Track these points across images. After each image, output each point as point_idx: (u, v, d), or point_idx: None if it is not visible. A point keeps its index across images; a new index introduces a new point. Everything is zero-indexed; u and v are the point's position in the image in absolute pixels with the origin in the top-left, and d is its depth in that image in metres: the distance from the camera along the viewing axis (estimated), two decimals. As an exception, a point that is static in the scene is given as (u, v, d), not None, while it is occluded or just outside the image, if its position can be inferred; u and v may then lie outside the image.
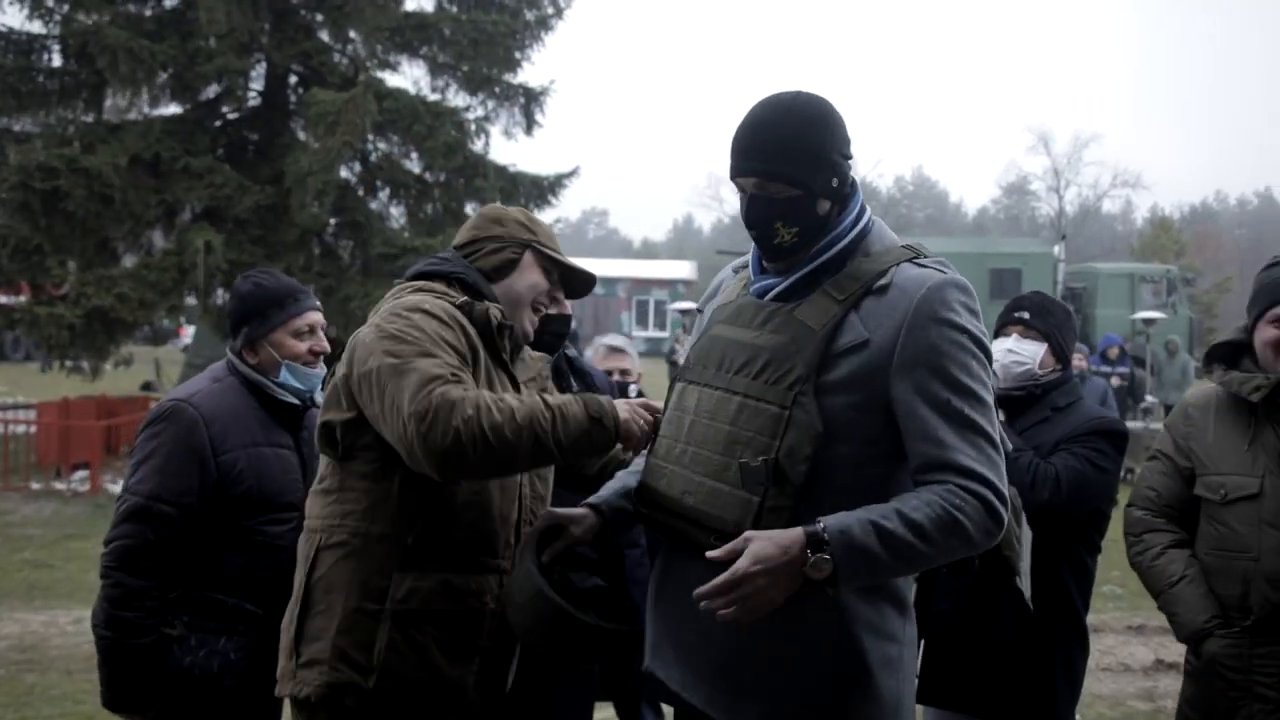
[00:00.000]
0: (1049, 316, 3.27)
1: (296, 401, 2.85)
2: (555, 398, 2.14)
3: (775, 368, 1.94)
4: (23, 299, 15.07)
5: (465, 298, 2.33)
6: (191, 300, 15.72)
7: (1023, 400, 3.25)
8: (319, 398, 2.79)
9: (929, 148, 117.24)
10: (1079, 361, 11.15)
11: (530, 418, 2.05)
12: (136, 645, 2.63)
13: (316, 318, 2.91)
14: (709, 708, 2.04)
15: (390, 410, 2.06)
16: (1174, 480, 3.02)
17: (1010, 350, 3.24)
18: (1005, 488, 1.92)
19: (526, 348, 2.53)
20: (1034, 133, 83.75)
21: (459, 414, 1.99)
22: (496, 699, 2.39)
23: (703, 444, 2.01)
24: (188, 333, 27.25)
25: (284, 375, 2.83)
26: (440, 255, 2.47)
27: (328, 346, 2.90)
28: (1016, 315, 3.29)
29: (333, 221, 15.45)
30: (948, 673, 3.16)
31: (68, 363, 14.83)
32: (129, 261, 15.42)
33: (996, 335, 3.33)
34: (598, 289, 3.12)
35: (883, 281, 1.95)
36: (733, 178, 2.06)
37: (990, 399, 1.96)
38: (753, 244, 2.13)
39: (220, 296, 16.22)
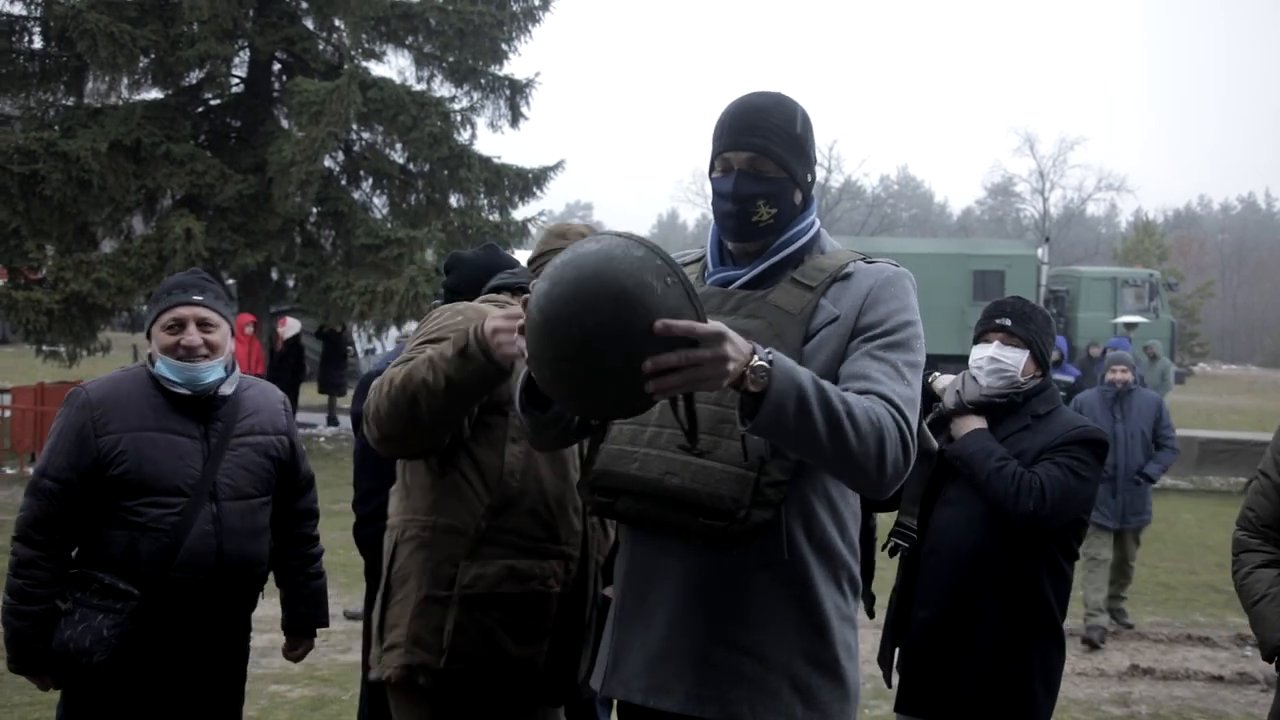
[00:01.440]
0: (1030, 323, 3.24)
1: (186, 391, 2.88)
2: (437, 346, 2.37)
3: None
4: (1, 282, 14.91)
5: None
6: (171, 287, 15.58)
7: (1004, 407, 3.23)
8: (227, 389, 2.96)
9: (914, 148, 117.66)
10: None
11: (409, 372, 2.32)
12: (26, 612, 2.79)
13: (187, 312, 2.90)
14: (690, 706, 2.02)
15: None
16: (1272, 498, 2.99)
17: (994, 358, 3.22)
18: (915, 439, 1.97)
19: None
20: (1019, 134, 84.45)
21: (373, 393, 2.38)
22: (571, 680, 2.55)
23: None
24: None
25: (158, 366, 2.90)
26: (513, 271, 2.79)
27: (198, 341, 2.88)
28: (998, 322, 3.26)
29: (315, 211, 15.37)
30: (926, 681, 3.14)
31: (45, 348, 14.70)
32: (108, 247, 15.30)
33: (977, 341, 3.30)
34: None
35: (846, 271, 2.10)
36: (723, 153, 2.11)
37: (920, 369, 2.06)
38: (712, 234, 2.21)
39: (200, 284, 16.11)
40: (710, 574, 2.03)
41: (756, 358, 1.74)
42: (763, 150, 2.08)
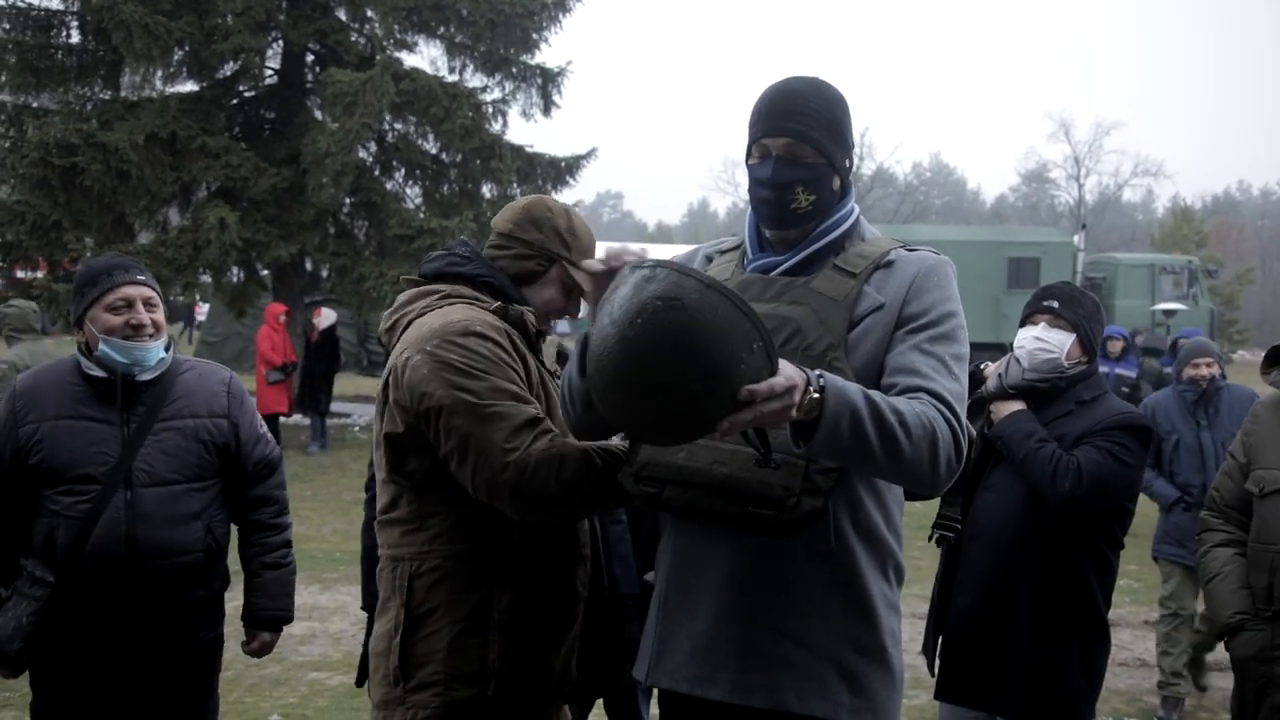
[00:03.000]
0: (1078, 307, 3.20)
1: (103, 374, 2.86)
2: (613, 445, 2.17)
3: (803, 336, 2.00)
4: (41, 275, 15.10)
5: (497, 303, 2.27)
6: (206, 278, 15.75)
7: (1047, 392, 3.18)
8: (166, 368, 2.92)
9: (947, 134, 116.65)
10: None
11: (601, 476, 2.11)
12: None
13: (134, 291, 2.88)
14: (736, 695, 2.02)
15: (475, 454, 2.06)
16: (1235, 479, 3.07)
17: (1038, 338, 3.18)
18: (966, 436, 1.97)
19: None
20: (1054, 120, 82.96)
21: (562, 472, 2.06)
22: (593, 677, 2.44)
23: None
24: (203, 310, 27.38)
25: (102, 349, 2.85)
26: (461, 253, 2.36)
27: (146, 320, 2.87)
28: (1045, 304, 3.22)
29: (348, 202, 15.45)
30: (967, 668, 3.12)
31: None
32: (145, 238, 15.44)
33: (1023, 323, 3.26)
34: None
35: (889, 259, 2.08)
36: (761, 138, 2.09)
37: (965, 360, 2.05)
38: (749, 222, 2.19)
39: (236, 274, 16.27)
40: (757, 563, 2.02)
41: (811, 389, 1.74)
42: (801, 136, 2.06)
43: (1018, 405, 3.16)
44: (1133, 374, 10.84)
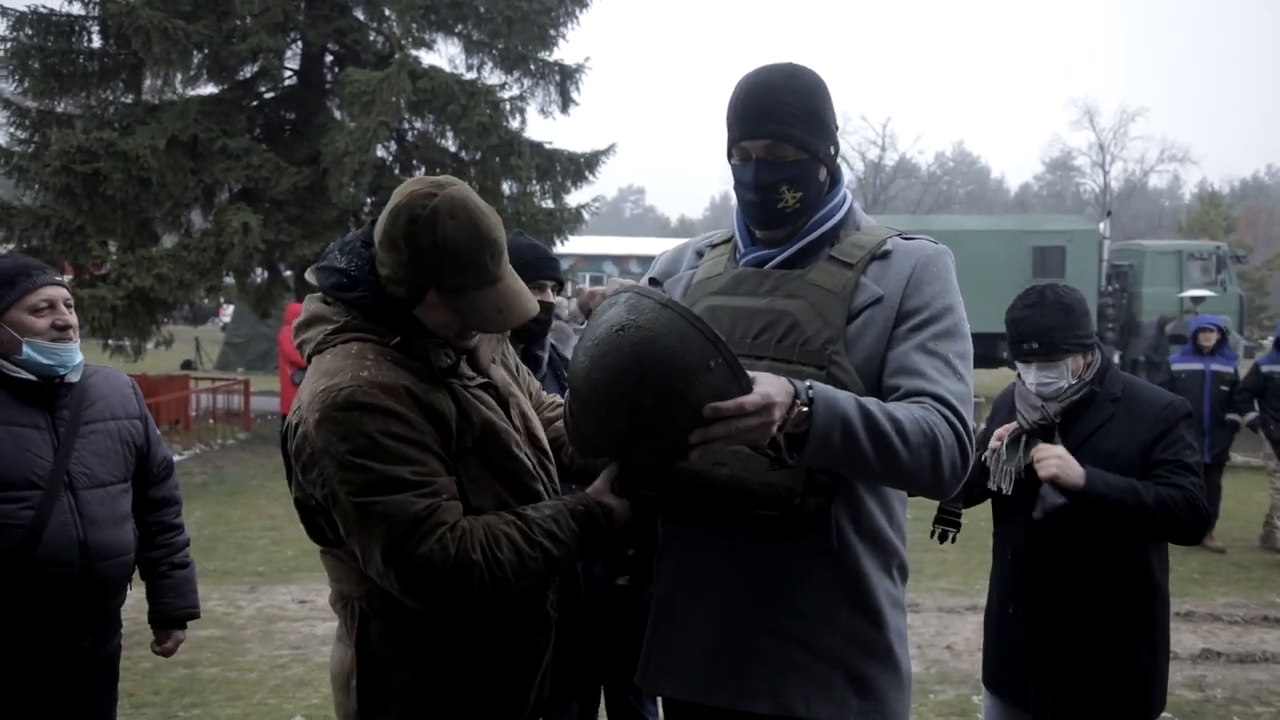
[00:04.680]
0: (1054, 333, 3.00)
1: (32, 378, 2.77)
2: (538, 522, 1.94)
3: (801, 330, 1.95)
4: (66, 279, 15.23)
5: (398, 337, 1.97)
6: (230, 280, 15.83)
7: (1078, 404, 3.04)
8: (77, 374, 2.84)
9: (970, 123, 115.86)
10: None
11: (522, 563, 1.90)
12: None
13: (55, 292, 2.81)
14: (741, 701, 1.98)
15: (366, 555, 1.86)
16: None
17: (1038, 383, 3.05)
18: (972, 438, 1.92)
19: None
20: (1078, 107, 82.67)
21: (449, 581, 1.83)
22: (570, 690, 2.27)
23: None
24: (227, 312, 27.56)
25: (26, 353, 2.76)
26: (349, 271, 2.00)
27: (72, 320, 2.82)
28: (1026, 348, 3.05)
29: (369, 201, 15.48)
30: (1015, 657, 3.07)
31: (110, 342, 14.99)
32: (168, 242, 15.54)
33: (1014, 356, 3.12)
34: (634, 268, 2.89)
35: (885, 248, 2.02)
36: (740, 141, 2.02)
37: (969, 357, 1.99)
38: (737, 216, 2.14)
39: (259, 276, 16.35)
40: (759, 566, 1.98)
41: (799, 402, 1.71)
42: (780, 136, 1.98)
43: (1060, 450, 2.96)
44: (1231, 368, 9.33)
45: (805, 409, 1.71)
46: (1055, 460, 2.91)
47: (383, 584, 1.88)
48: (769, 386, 1.68)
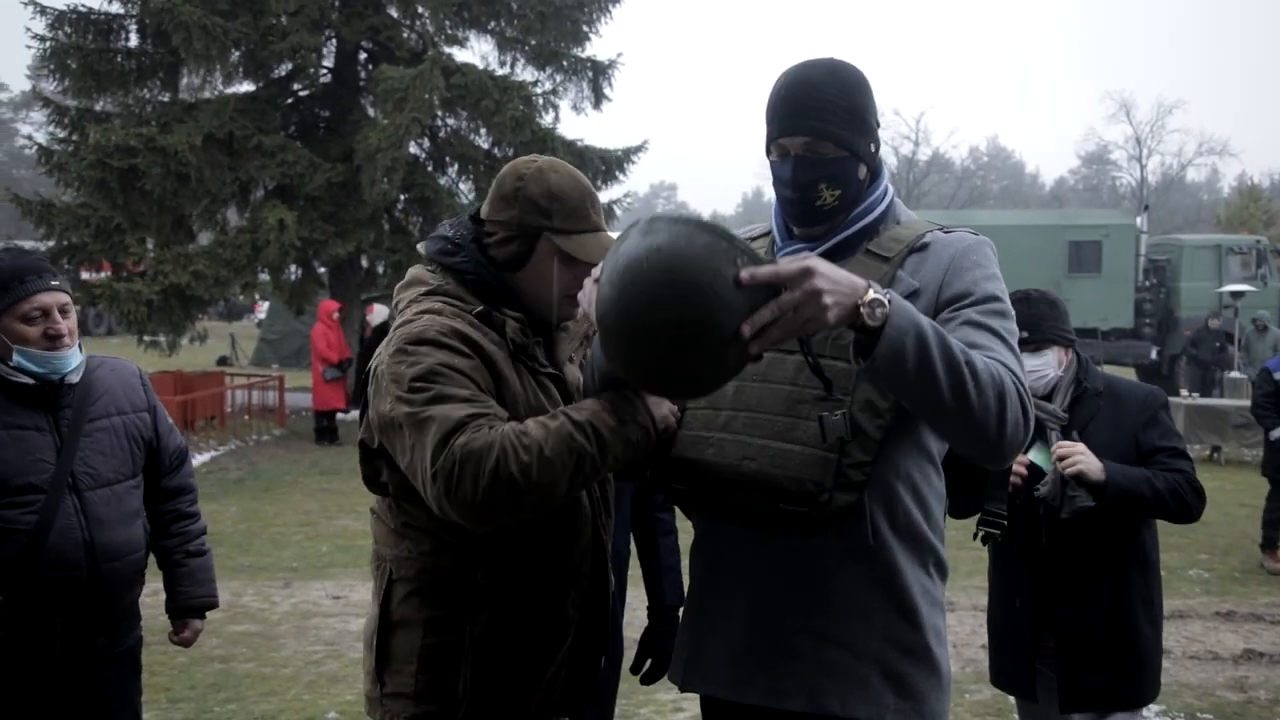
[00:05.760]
0: (1041, 322, 3.13)
1: (30, 382, 2.72)
2: (583, 411, 1.94)
3: None
4: (104, 276, 15.41)
5: (482, 306, 2.09)
6: (265, 277, 15.96)
7: (1071, 401, 3.16)
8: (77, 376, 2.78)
9: (1005, 117, 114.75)
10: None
11: (561, 447, 1.88)
12: None
13: (49, 299, 2.71)
14: (775, 699, 1.96)
15: (417, 466, 1.92)
16: None
17: (1029, 369, 3.08)
18: (1032, 407, 1.86)
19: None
20: (1114, 100, 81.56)
21: (484, 465, 1.84)
22: (583, 694, 2.29)
23: (758, 407, 1.92)
24: (262, 308, 27.79)
25: (17, 360, 2.70)
26: (455, 239, 2.17)
27: (64, 329, 2.73)
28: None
29: (402, 197, 15.57)
30: (1086, 671, 3.11)
31: (146, 338, 15.16)
32: (204, 239, 15.70)
33: None
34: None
35: (924, 241, 1.99)
36: (778, 138, 1.99)
37: (1017, 335, 1.94)
38: (776, 211, 2.11)
39: (293, 273, 16.48)
40: (792, 562, 1.95)
41: (871, 292, 1.64)
42: (819, 133, 1.94)
43: (1081, 447, 3.03)
44: None
45: (885, 302, 1.64)
46: (1080, 456, 2.98)
47: (436, 506, 1.90)
48: (810, 261, 1.63)
